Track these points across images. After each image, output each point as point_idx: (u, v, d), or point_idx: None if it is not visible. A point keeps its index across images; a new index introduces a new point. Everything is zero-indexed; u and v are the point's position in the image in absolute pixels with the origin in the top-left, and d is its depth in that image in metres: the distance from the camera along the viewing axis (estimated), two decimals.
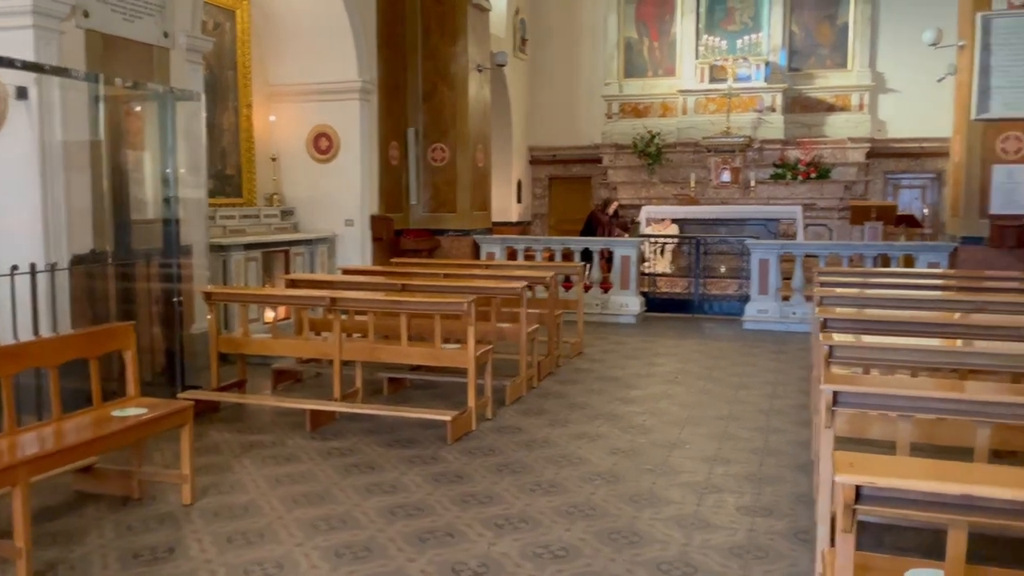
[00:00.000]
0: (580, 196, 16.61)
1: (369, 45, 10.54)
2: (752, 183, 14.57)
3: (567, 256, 11.55)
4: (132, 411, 4.28)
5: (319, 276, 8.90)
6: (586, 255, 11.80)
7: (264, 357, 7.44)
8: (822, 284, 6.74)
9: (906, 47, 14.26)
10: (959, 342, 4.08)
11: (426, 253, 11.44)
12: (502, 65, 12.45)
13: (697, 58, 15.28)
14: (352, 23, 10.10)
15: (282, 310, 8.91)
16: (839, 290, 6.13)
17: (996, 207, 9.39)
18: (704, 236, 11.70)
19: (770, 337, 9.63)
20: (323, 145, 10.50)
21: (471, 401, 5.86)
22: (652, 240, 12.17)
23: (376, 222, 10.75)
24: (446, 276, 7.93)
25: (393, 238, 11.18)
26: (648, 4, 15.78)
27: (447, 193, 11.69)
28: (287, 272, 9.42)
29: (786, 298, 10.34)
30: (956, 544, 2.04)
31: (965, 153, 9.54)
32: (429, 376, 7.18)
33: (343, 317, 6.28)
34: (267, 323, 8.65)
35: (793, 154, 14.60)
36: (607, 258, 11.61)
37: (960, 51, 9.84)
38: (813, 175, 14.33)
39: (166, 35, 6.78)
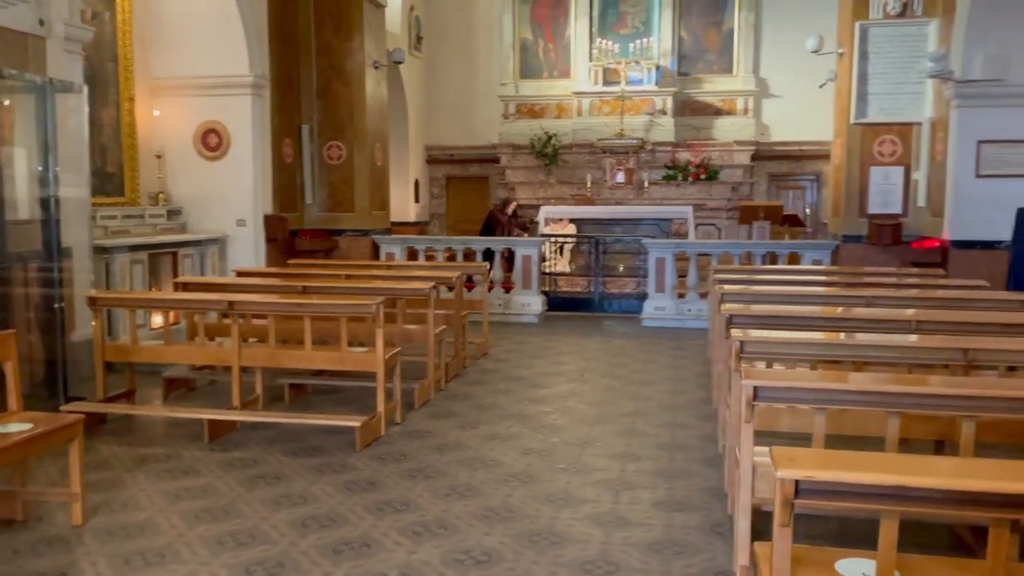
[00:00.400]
0: (478, 196, 16.57)
1: (260, 38, 10.16)
2: (645, 184, 14.91)
3: (468, 256, 11.50)
4: (15, 427, 3.94)
5: (212, 279, 8.52)
6: (487, 255, 11.78)
7: (153, 365, 7.03)
8: (720, 282, 6.92)
9: (787, 54, 14.89)
10: (857, 336, 4.25)
11: (323, 254, 11.14)
12: (399, 62, 12.27)
13: (591, 61, 15.50)
14: (242, 15, 9.71)
15: (172, 315, 8.47)
16: (739, 287, 6.31)
17: (874, 207, 9.93)
18: (603, 236, 11.87)
19: (668, 334, 9.86)
20: (212, 142, 10.05)
21: (380, 406, 5.71)
22: (552, 240, 12.25)
23: (270, 222, 10.38)
24: (348, 277, 7.72)
25: (288, 239, 10.83)
26: (542, 6, 15.90)
27: (344, 192, 11.42)
28: (175, 275, 8.96)
29: (681, 295, 10.61)
30: (888, 533, 2.10)
31: (845, 156, 10.04)
32: (332, 381, 6.97)
33: (240, 321, 6.01)
34: (154, 329, 8.22)
35: (683, 156, 15.01)
36: (508, 258, 11.63)
37: (840, 58, 10.36)
38: (703, 176, 14.79)
39: (42, 23, 6.31)
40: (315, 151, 11.36)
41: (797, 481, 2.05)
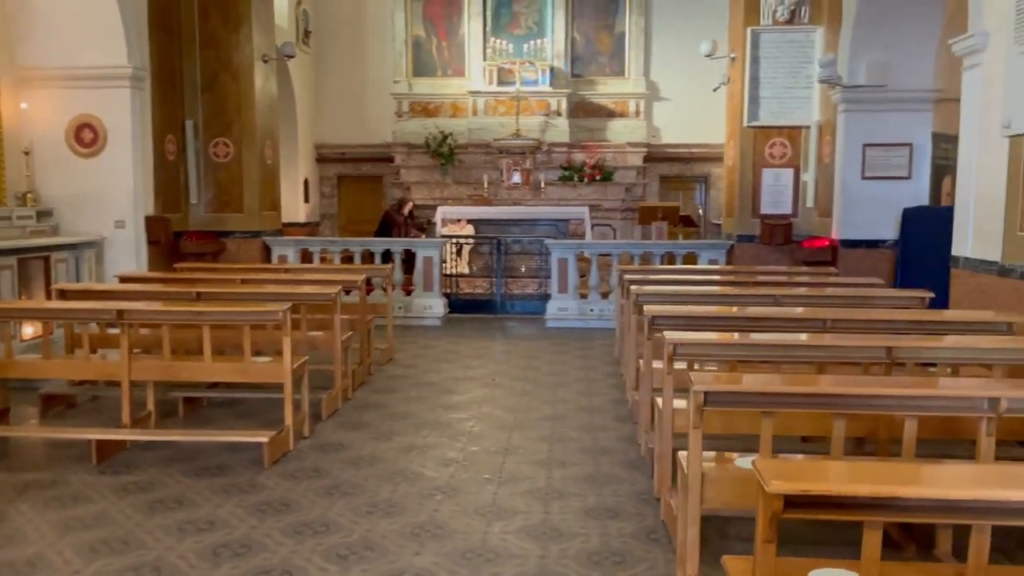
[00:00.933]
0: (371, 196, 16.16)
1: (140, 27, 9.49)
2: (542, 184, 14.91)
3: (366, 258, 11.16)
4: None
5: (93, 285, 7.88)
6: (385, 257, 11.47)
7: (27, 381, 6.40)
8: (630, 282, 6.93)
9: (677, 58, 15.25)
10: (787, 336, 4.29)
11: (210, 257, 10.54)
12: (290, 56, 11.74)
13: (485, 60, 15.37)
14: (120, 0, 9.03)
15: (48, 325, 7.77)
16: (652, 288, 6.31)
17: (766, 207, 10.24)
18: (505, 236, 11.77)
19: (573, 334, 9.84)
20: (87, 137, 9.32)
21: (288, 418, 5.37)
22: (454, 241, 12.03)
23: (152, 223, 9.72)
24: (243, 282, 7.29)
25: (172, 241, 10.18)
26: (435, 4, 15.64)
27: (232, 191, 10.84)
28: (48, 281, 8.25)
29: (584, 296, 10.64)
30: (871, 542, 2.05)
31: (739, 158, 10.30)
32: (229, 393, 6.54)
33: (128, 331, 5.52)
34: (24, 341, 7.52)
35: (579, 157, 15.10)
36: (406, 260, 11.38)
37: (732, 63, 10.63)
38: (598, 177, 14.91)
39: None
40: (200, 148, 10.74)
41: (786, 496, 1.97)
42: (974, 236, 5.98)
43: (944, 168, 9.18)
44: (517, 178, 15.06)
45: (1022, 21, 5.28)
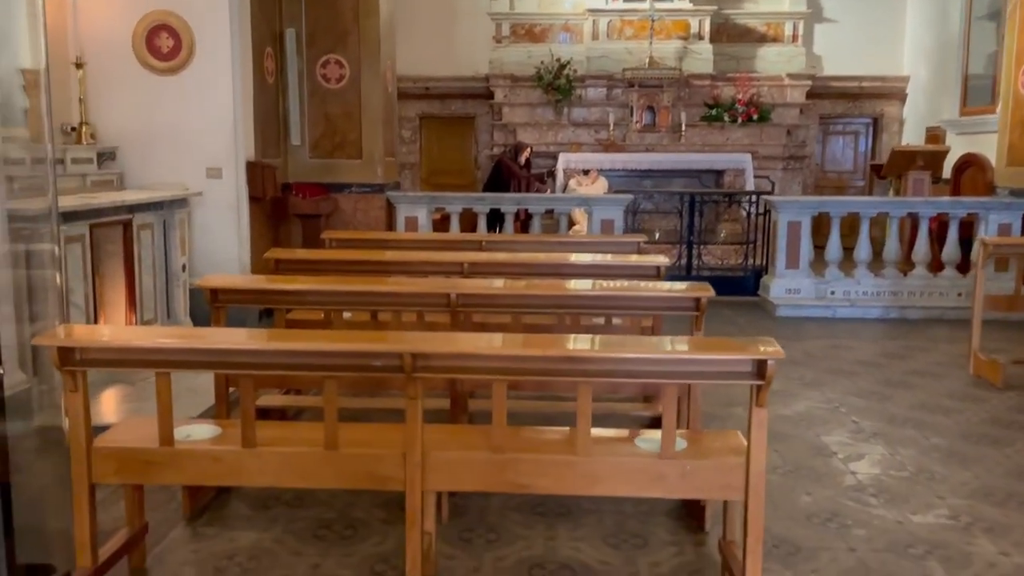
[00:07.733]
0: (461, 140, 13.23)
1: None
2: (683, 127, 12.04)
3: (466, 220, 8.18)
4: None
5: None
6: (493, 218, 8.61)
7: None
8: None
9: None
10: None
11: (324, 219, 7.69)
12: None
13: None
14: None
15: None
16: None
17: None
18: (702, 191, 8.99)
19: (828, 327, 7.16)
20: (164, 45, 6.40)
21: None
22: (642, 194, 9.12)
23: (254, 172, 6.86)
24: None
25: (279, 196, 7.33)
26: None
27: (348, 130, 7.93)
28: (130, 258, 5.42)
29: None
30: None
31: None
32: None
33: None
34: None
35: (727, 92, 12.23)
36: (523, 221, 8.67)
37: None
38: (753, 117, 12.07)
39: None
40: (305, 68, 7.80)
41: None
42: None
43: None
44: (650, 118, 12.21)
45: None
